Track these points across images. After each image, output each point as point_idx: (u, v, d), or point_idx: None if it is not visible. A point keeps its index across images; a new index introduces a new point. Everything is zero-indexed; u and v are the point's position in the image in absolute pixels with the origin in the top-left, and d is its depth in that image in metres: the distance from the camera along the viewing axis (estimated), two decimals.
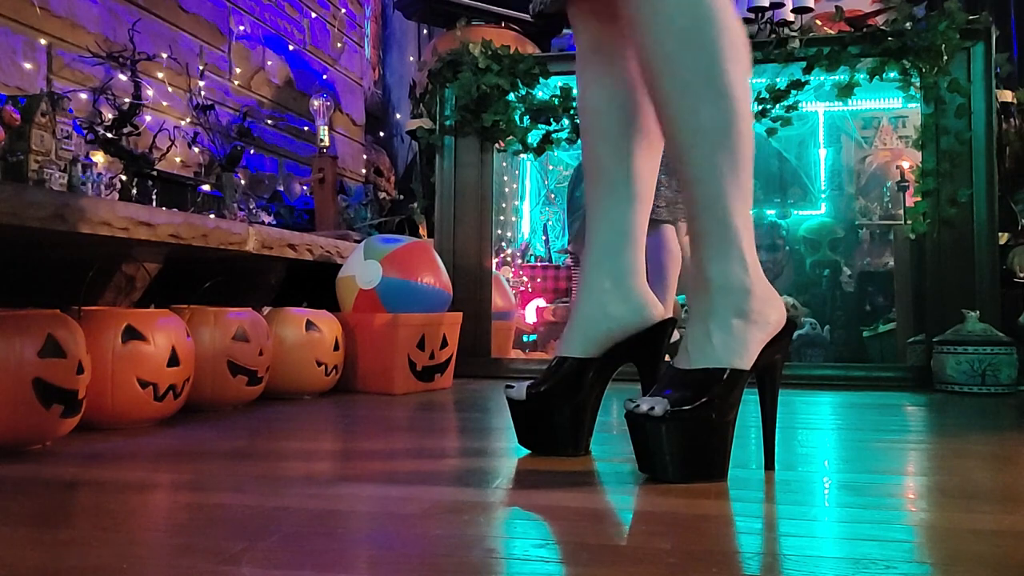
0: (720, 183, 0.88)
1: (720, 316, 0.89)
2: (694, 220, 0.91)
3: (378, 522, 0.71)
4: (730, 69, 0.88)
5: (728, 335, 0.88)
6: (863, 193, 4.52)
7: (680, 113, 0.89)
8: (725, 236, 0.89)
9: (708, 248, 0.90)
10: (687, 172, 0.90)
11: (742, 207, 0.90)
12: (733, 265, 0.89)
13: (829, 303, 4.42)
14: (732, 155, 0.88)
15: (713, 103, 0.87)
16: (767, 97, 2.33)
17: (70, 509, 0.77)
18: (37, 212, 1.19)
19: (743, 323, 0.89)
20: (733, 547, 0.63)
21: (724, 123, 0.88)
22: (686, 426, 0.84)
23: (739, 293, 0.89)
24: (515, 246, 3.93)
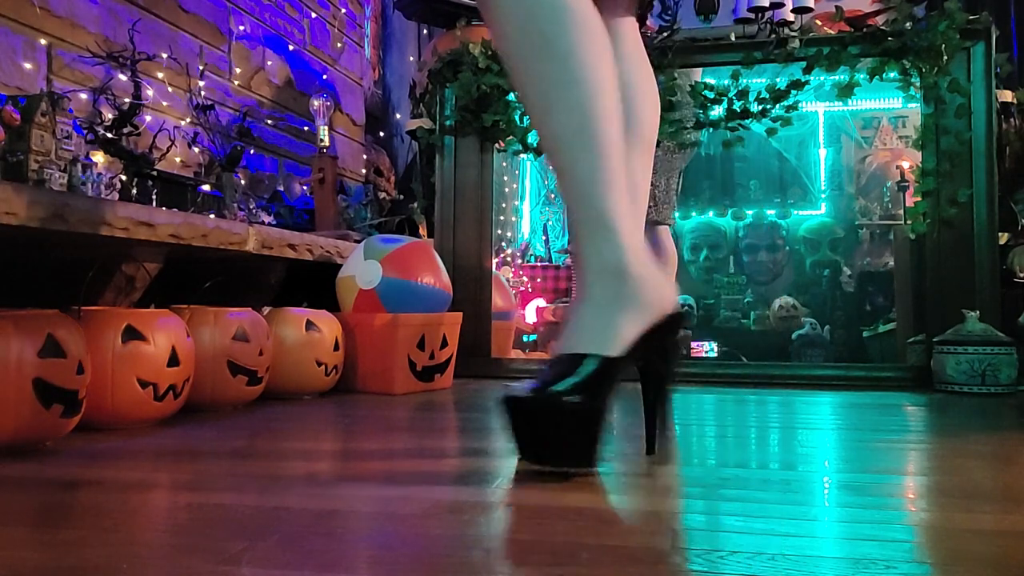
0: (586, 168, 0.87)
1: (594, 301, 0.87)
2: (569, 209, 0.90)
3: (378, 522, 0.71)
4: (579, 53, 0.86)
5: (600, 320, 0.86)
6: (863, 193, 4.52)
7: (537, 102, 0.88)
8: (598, 221, 0.87)
9: (583, 235, 0.88)
10: (555, 161, 0.89)
11: (614, 190, 0.88)
12: (608, 249, 0.87)
13: (829, 303, 4.42)
14: (595, 141, 0.87)
15: (563, 99, 0.86)
16: (767, 97, 2.33)
17: (70, 509, 0.77)
18: (37, 212, 1.19)
19: (618, 308, 0.87)
20: (733, 547, 0.63)
21: (581, 109, 0.86)
22: (548, 409, 0.84)
23: (616, 276, 0.87)
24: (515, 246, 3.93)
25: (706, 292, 4.60)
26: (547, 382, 0.84)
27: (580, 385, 0.84)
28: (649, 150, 1.07)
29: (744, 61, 2.30)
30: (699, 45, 2.35)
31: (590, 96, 0.86)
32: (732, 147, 2.44)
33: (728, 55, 2.34)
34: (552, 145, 0.89)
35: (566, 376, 0.84)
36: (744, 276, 4.62)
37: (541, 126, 0.89)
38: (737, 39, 2.34)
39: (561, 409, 0.84)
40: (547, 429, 0.85)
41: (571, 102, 0.86)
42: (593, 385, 0.84)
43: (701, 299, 4.55)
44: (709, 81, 2.47)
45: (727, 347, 4.00)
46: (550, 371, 0.86)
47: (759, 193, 4.67)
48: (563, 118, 0.86)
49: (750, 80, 2.37)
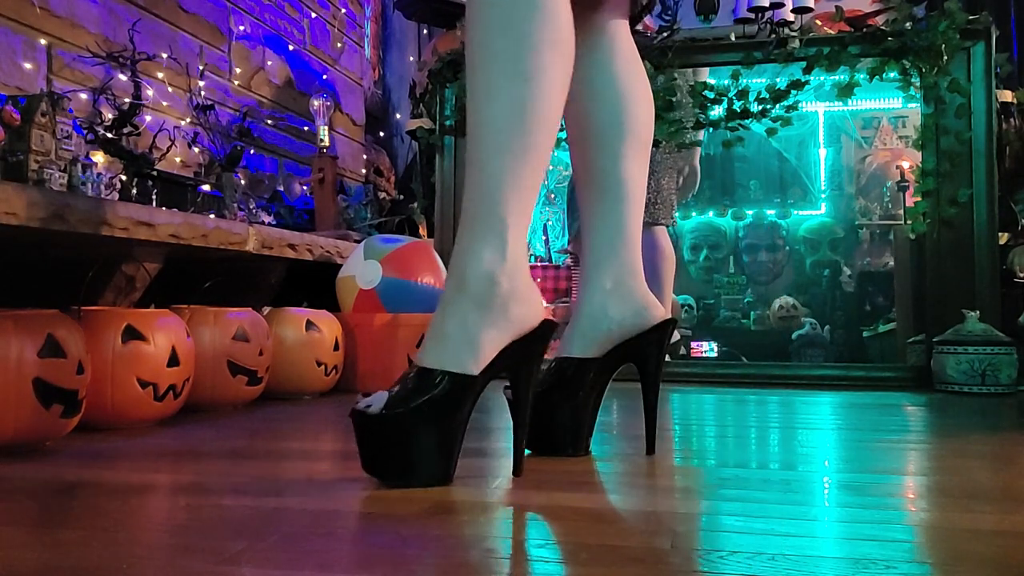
0: (500, 168, 0.84)
1: (458, 311, 0.84)
2: (468, 202, 0.86)
3: (378, 522, 0.71)
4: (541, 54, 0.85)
5: (461, 333, 0.83)
6: (863, 193, 4.52)
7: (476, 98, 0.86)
8: (493, 224, 0.84)
9: (471, 232, 0.85)
10: (475, 150, 0.86)
11: (519, 200, 0.85)
12: (489, 254, 0.84)
13: (829, 303, 4.42)
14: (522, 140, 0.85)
15: (507, 90, 0.84)
16: (767, 97, 2.33)
17: (70, 509, 0.77)
18: (37, 212, 1.19)
19: (480, 320, 0.83)
20: (733, 547, 0.63)
21: (519, 106, 0.84)
22: (398, 428, 0.81)
23: (486, 284, 0.84)
24: None
25: (706, 292, 4.60)
26: (400, 398, 0.82)
27: (433, 403, 0.81)
28: (644, 152, 1.07)
29: (744, 61, 2.30)
30: (699, 45, 2.35)
31: (532, 97, 0.84)
32: (732, 147, 2.44)
33: (728, 55, 2.35)
34: (476, 137, 0.86)
35: (420, 393, 0.81)
36: (744, 276, 4.62)
37: (473, 113, 0.86)
38: (737, 39, 2.34)
39: (412, 429, 0.81)
40: (397, 448, 0.82)
41: (511, 96, 0.84)
42: (448, 403, 0.82)
43: (701, 299, 4.55)
44: (709, 81, 2.47)
45: (727, 347, 4.00)
46: (404, 385, 0.83)
47: (759, 193, 4.66)
48: (497, 110, 0.84)
49: (750, 80, 2.37)
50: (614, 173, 1.04)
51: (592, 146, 1.04)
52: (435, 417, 0.82)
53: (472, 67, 0.87)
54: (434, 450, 0.82)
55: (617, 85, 1.04)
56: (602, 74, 1.04)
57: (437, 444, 0.82)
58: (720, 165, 4.66)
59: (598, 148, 1.04)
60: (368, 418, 0.82)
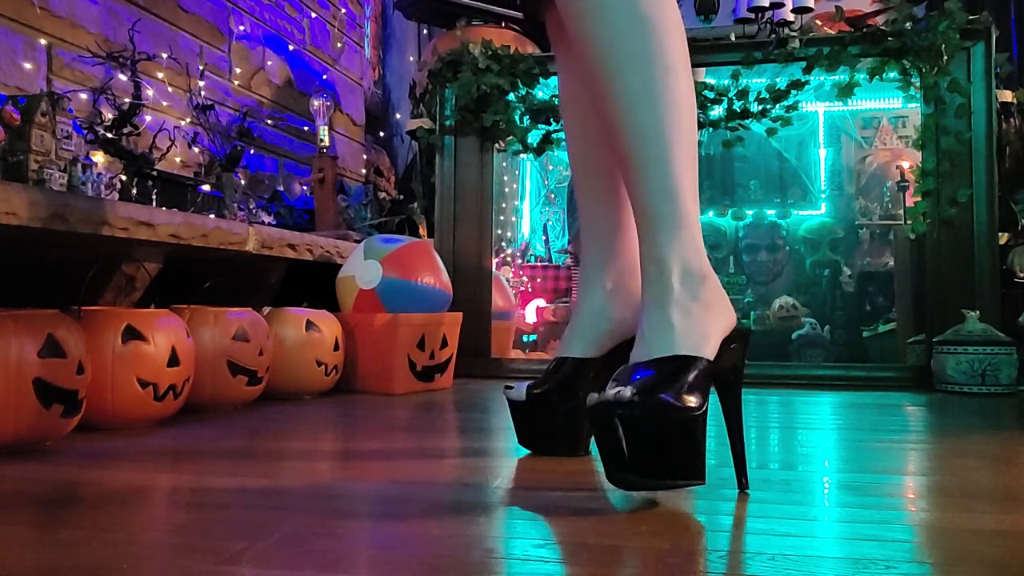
0: (676, 167, 0.84)
1: (681, 303, 0.82)
2: (646, 205, 0.85)
3: (378, 522, 0.71)
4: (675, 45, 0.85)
5: (691, 322, 0.81)
6: (863, 193, 4.52)
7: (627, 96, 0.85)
8: (684, 222, 0.85)
9: (663, 232, 0.84)
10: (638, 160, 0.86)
11: (694, 193, 0.86)
12: (692, 252, 0.85)
13: (829, 303, 4.42)
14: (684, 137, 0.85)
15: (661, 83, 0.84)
16: (767, 97, 2.33)
17: (70, 509, 0.77)
18: (37, 212, 1.19)
19: (703, 311, 0.82)
20: (733, 547, 0.63)
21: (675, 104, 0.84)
22: (660, 412, 0.74)
23: (697, 279, 0.84)
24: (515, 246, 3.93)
25: None
26: (649, 387, 0.75)
27: (692, 388, 0.75)
28: None
29: (744, 61, 2.30)
30: (699, 45, 2.35)
31: (683, 89, 0.85)
32: (732, 147, 2.44)
33: (728, 55, 2.34)
34: (639, 140, 0.85)
35: (672, 380, 0.76)
36: (744, 276, 4.62)
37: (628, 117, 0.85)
38: (737, 39, 2.34)
39: (683, 415, 0.74)
40: (665, 436, 0.74)
41: (667, 94, 0.84)
42: (701, 387, 0.77)
43: None
44: (709, 81, 2.47)
45: None
46: (644, 376, 0.77)
47: (759, 193, 4.66)
48: (658, 111, 0.84)
49: (750, 80, 2.37)
50: (614, 173, 1.04)
51: (592, 146, 1.04)
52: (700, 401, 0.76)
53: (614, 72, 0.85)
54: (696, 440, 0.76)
55: None
56: None
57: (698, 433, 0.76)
58: (720, 165, 4.66)
59: (598, 148, 1.04)
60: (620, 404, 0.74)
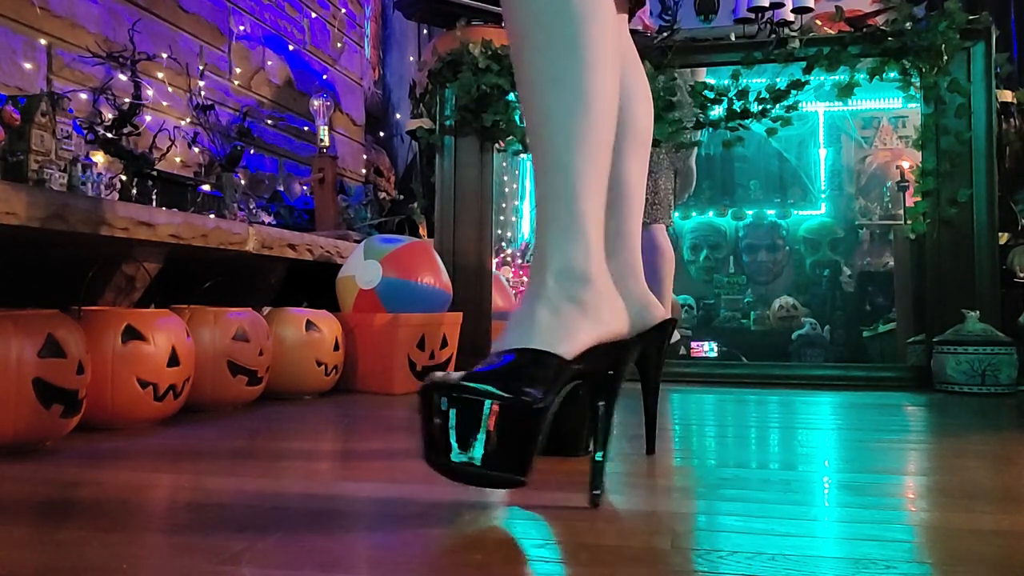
0: (571, 163, 0.82)
1: (551, 299, 0.79)
2: (543, 204, 0.83)
3: (378, 522, 0.71)
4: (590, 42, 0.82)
5: (554, 318, 0.78)
6: (863, 193, 4.52)
7: (532, 94, 0.84)
8: (572, 221, 0.81)
9: (552, 232, 0.82)
10: (538, 154, 0.84)
11: (593, 192, 0.83)
12: (576, 252, 0.81)
13: (829, 303, 4.43)
14: (587, 134, 0.82)
15: (567, 83, 0.82)
16: (767, 97, 2.33)
17: (70, 509, 0.77)
18: (37, 212, 1.19)
19: (574, 309, 0.79)
20: (733, 547, 0.63)
21: (577, 105, 0.82)
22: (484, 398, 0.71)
23: (577, 281, 0.80)
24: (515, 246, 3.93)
25: (706, 292, 4.60)
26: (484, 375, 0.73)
27: (535, 380, 0.73)
28: (644, 149, 1.07)
29: (744, 61, 2.30)
30: (699, 45, 2.35)
31: (592, 88, 0.82)
32: (732, 147, 2.44)
33: (728, 55, 2.35)
34: (541, 134, 0.84)
35: (513, 371, 0.73)
36: (744, 276, 4.63)
37: (532, 111, 0.84)
38: (737, 39, 2.34)
39: (514, 407, 0.71)
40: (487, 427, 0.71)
41: (572, 89, 0.82)
42: (548, 382, 0.73)
43: (701, 299, 4.55)
44: (709, 81, 2.47)
45: (727, 347, 4.00)
46: (486, 364, 0.74)
47: (759, 193, 4.67)
48: (560, 104, 0.82)
49: (750, 80, 2.36)
50: (613, 173, 1.04)
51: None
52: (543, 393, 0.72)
53: (522, 64, 0.84)
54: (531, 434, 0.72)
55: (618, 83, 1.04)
56: None
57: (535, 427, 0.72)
58: (720, 165, 4.66)
59: None
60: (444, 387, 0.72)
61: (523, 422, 0.71)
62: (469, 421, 0.71)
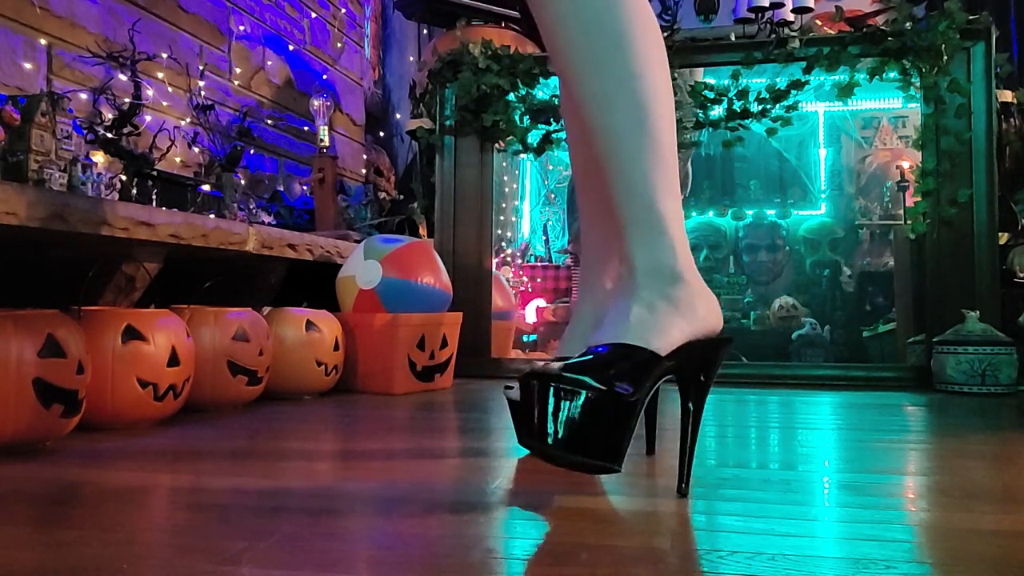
0: (643, 168, 0.83)
1: (643, 297, 0.81)
2: (620, 209, 0.85)
3: (378, 522, 0.71)
4: (640, 49, 0.84)
5: (648, 315, 0.80)
6: (863, 193, 4.52)
7: (594, 100, 0.85)
8: (652, 223, 0.83)
9: (634, 235, 0.84)
10: (609, 161, 0.85)
11: (668, 193, 0.84)
12: (662, 252, 0.83)
13: (829, 303, 4.42)
14: (652, 139, 0.84)
15: (625, 86, 0.83)
16: (767, 97, 2.33)
17: (70, 509, 0.77)
18: (37, 212, 1.19)
19: (668, 307, 0.81)
20: (733, 547, 0.63)
21: (640, 107, 0.83)
22: (579, 388, 0.74)
23: (668, 279, 0.82)
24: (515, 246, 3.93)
25: None
26: (580, 366, 0.76)
27: (627, 373, 0.76)
28: None
29: (744, 61, 2.30)
30: (699, 45, 2.35)
31: (649, 92, 0.84)
32: (732, 147, 2.44)
33: (728, 55, 2.34)
34: (607, 141, 0.85)
35: (607, 364, 0.76)
36: (744, 276, 4.62)
37: (595, 121, 0.85)
38: (737, 39, 2.34)
39: (606, 397, 0.74)
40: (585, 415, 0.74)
41: (632, 97, 0.83)
42: (639, 376, 0.76)
43: None
44: (709, 81, 2.47)
45: None
46: (585, 356, 0.78)
47: (759, 193, 4.67)
48: (620, 113, 0.84)
49: (750, 80, 2.36)
50: None
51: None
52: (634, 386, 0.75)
53: (576, 77, 0.85)
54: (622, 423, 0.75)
55: None
56: None
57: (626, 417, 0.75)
58: (720, 165, 4.66)
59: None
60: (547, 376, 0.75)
61: (615, 413, 0.75)
62: (565, 409, 0.75)
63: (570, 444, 0.75)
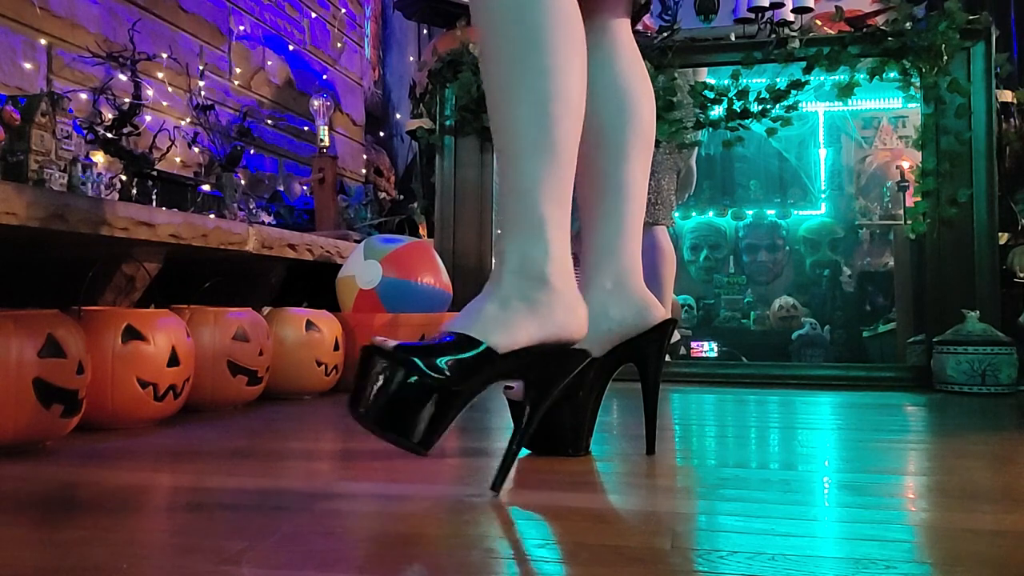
0: (534, 168, 0.82)
1: (504, 296, 0.81)
2: (504, 203, 0.85)
3: (378, 522, 0.71)
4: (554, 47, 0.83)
5: (498, 311, 0.80)
6: (863, 193, 4.52)
7: (499, 91, 0.85)
8: (532, 224, 0.83)
9: (511, 232, 0.83)
10: (503, 153, 0.85)
11: (556, 199, 0.83)
12: (534, 254, 0.82)
13: (829, 303, 4.43)
14: (548, 141, 0.83)
15: (531, 83, 0.82)
16: (767, 97, 2.33)
17: (70, 509, 0.77)
18: (37, 212, 1.19)
19: (523, 307, 0.81)
20: (733, 547, 0.63)
21: (541, 106, 0.82)
22: (400, 368, 0.75)
23: (534, 281, 0.82)
24: None
25: (706, 292, 4.60)
26: (414, 348, 0.77)
27: (454, 363, 0.77)
28: (648, 150, 1.07)
29: (744, 61, 2.30)
30: (699, 45, 2.35)
31: (554, 94, 0.83)
32: (732, 147, 2.44)
33: (728, 55, 2.35)
34: (503, 135, 0.84)
35: (439, 351, 0.77)
36: (744, 276, 4.63)
37: (496, 113, 0.85)
38: (737, 39, 2.34)
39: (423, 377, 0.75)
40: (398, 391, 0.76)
41: (533, 94, 0.82)
42: (467, 369, 0.77)
43: (701, 299, 4.55)
44: (709, 81, 2.47)
45: (727, 347, 4.00)
46: (429, 340, 0.79)
47: (759, 193, 4.67)
48: (521, 109, 0.83)
49: (750, 80, 2.37)
50: (616, 173, 1.04)
51: (594, 146, 1.03)
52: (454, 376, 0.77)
53: (486, 66, 0.86)
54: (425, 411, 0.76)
55: (620, 84, 1.04)
56: (604, 73, 1.04)
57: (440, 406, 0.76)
58: (720, 165, 4.66)
59: (600, 148, 1.03)
60: (385, 353, 0.77)
61: (433, 400, 0.76)
62: (385, 385, 0.76)
63: (383, 420, 0.76)
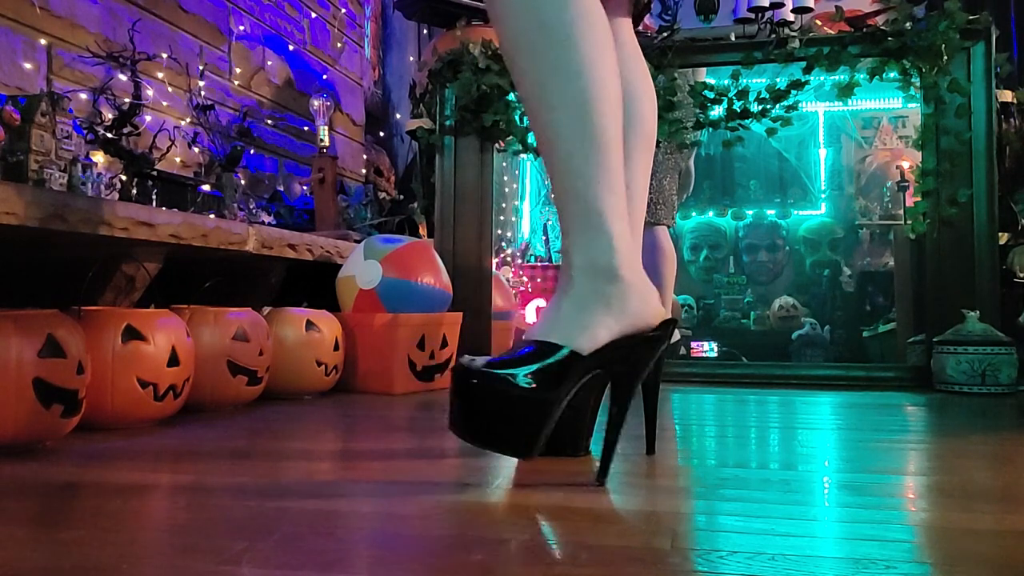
0: (584, 166, 0.84)
1: (578, 296, 0.84)
2: (560, 206, 0.87)
3: (378, 522, 0.71)
4: (585, 47, 0.84)
5: (576, 313, 0.83)
6: (863, 193, 4.52)
7: (536, 97, 0.85)
8: (591, 220, 0.84)
9: (574, 234, 0.86)
10: (550, 158, 0.86)
11: (610, 190, 0.85)
12: (600, 249, 0.84)
13: (829, 303, 4.43)
14: (594, 137, 0.84)
15: (567, 84, 0.83)
16: (767, 97, 2.33)
17: (70, 509, 0.77)
18: (37, 212, 1.19)
19: (598, 305, 0.83)
20: (733, 547, 0.63)
21: (581, 105, 0.83)
22: (492, 386, 0.79)
23: (604, 276, 0.84)
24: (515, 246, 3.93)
25: (706, 292, 4.61)
26: (500, 363, 0.81)
27: (540, 372, 0.80)
28: (649, 149, 1.07)
29: (744, 61, 2.30)
30: (699, 45, 2.35)
31: (591, 89, 0.83)
32: (732, 147, 2.44)
33: (728, 55, 2.34)
34: (548, 138, 0.85)
35: (524, 362, 0.80)
36: (744, 276, 4.63)
37: (537, 118, 0.86)
38: (737, 39, 2.34)
39: (523, 396, 0.79)
40: (492, 408, 0.80)
41: (571, 93, 0.83)
42: (554, 376, 0.80)
43: (701, 299, 4.55)
44: (709, 81, 2.47)
45: (727, 347, 4.00)
46: (512, 353, 0.82)
47: (759, 193, 4.67)
48: (562, 110, 0.84)
49: (750, 80, 2.36)
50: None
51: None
52: (540, 385, 0.79)
53: (520, 75, 0.86)
54: (529, 420, 0.80)
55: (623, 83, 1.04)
56: None
57: (534, 415, 0.80)
58: (720, 165, 4.67)
59: None
60: (473, 374, 0.80)
61: (529, 411, 0.80)
62: (481, 404, 0.80)
63: (485, 438, 0.82)
